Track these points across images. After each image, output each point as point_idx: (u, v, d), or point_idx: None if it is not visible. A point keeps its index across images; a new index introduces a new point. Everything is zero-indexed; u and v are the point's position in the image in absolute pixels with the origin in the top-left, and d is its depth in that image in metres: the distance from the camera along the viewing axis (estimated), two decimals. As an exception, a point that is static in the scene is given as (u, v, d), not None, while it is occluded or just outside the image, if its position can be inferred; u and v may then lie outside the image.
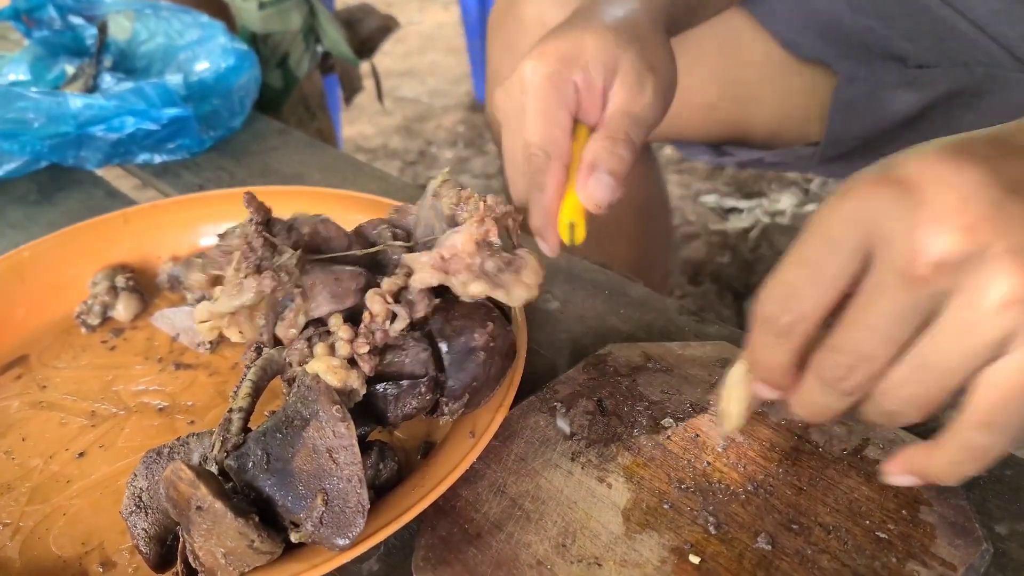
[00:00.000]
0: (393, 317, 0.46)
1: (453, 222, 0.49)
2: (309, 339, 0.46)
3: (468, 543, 0.45)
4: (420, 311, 0.47)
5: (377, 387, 0.47)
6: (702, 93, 0.88)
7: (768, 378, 0.40)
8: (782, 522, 0.45)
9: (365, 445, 0.47)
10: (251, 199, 0.47)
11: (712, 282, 1.70)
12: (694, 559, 0.43)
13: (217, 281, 0.53)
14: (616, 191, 0.51)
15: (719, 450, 0.49)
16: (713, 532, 0.44)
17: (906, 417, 0.37)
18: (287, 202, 0.67)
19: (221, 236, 0.52)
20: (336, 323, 0.46)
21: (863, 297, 0.35)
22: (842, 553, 0.43)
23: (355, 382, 0.45)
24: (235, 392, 0.47)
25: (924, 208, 0.33)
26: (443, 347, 0.47)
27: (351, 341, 0.45)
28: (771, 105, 0.88)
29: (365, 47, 1.31)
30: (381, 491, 0.47)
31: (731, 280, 1.70)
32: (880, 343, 0.35)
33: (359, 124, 2.38)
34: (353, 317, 0.47)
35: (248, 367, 0.48)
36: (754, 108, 0.89)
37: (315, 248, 0.49)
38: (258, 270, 0.46)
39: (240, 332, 0.51)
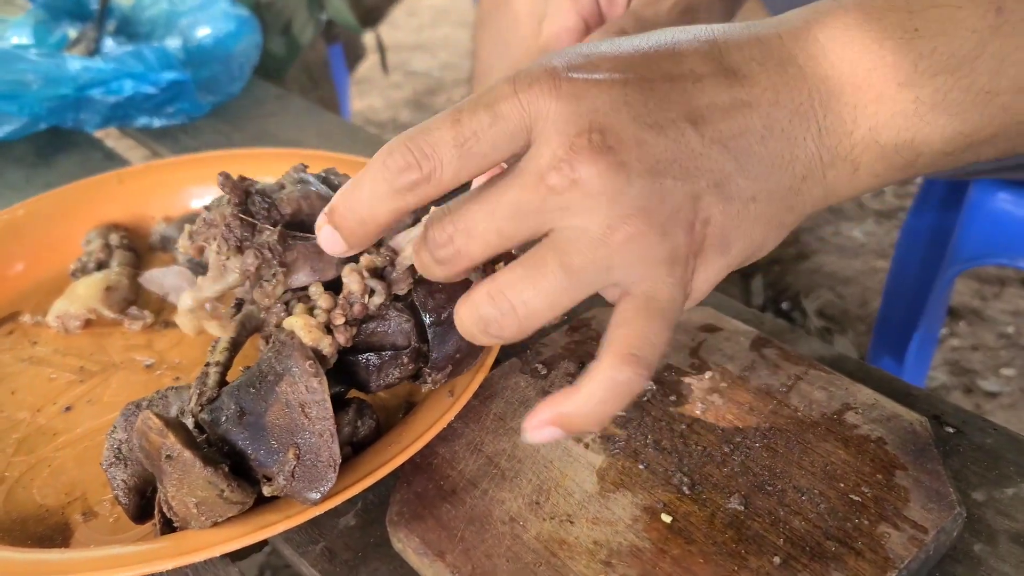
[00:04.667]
0: (371, 292, 0.46)
1: None
2: (287, 303, 0.46)
3: (443, 499, 0.45)
4: (402, 288, 0.46)
5: (360, 357, 0.47)
6: None
7: (349, 219, 0.37)
8: (756, 484, 0.45)
9: (343, 402, 0.48)
10: (225, 180, 0.47)
11: (718, 259, 1.69)
12: (666, 518, 0.43)
13: (203, 250, 0.54)
14: None
15: (697, 413, 0.49)
16: (687, 492, 0.44)
17: (507, 325, 0.35)
18: (278, 165, 0.67)
19: (207, 208, 0.52)
20: (316, 291, 0.46)
21: (498, 179, 0.34)
22: (814, 515, 0.43)
23: (327, 348, 0.45)
24: (214, 346, 0.47)
25: (583, 120, 0.33)
26: (427, 320, 0.47)
27: (329, 311, 0.45)
28: None
29: (370, 16, 1.31)
30: (359, 448, 0.47)
31: (738, 257, 1.69)
32: (487, 225, 0.34)
33: (369, 97, 2.38)
34: (335, 286, 0.47)
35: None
36: None
37: (298, 223, 0.49)
38: (239, 250, 0.46)
39: (222, 326, 0.51)
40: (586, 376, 0.35)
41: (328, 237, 0.39)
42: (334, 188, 0.53)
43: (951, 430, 0.49)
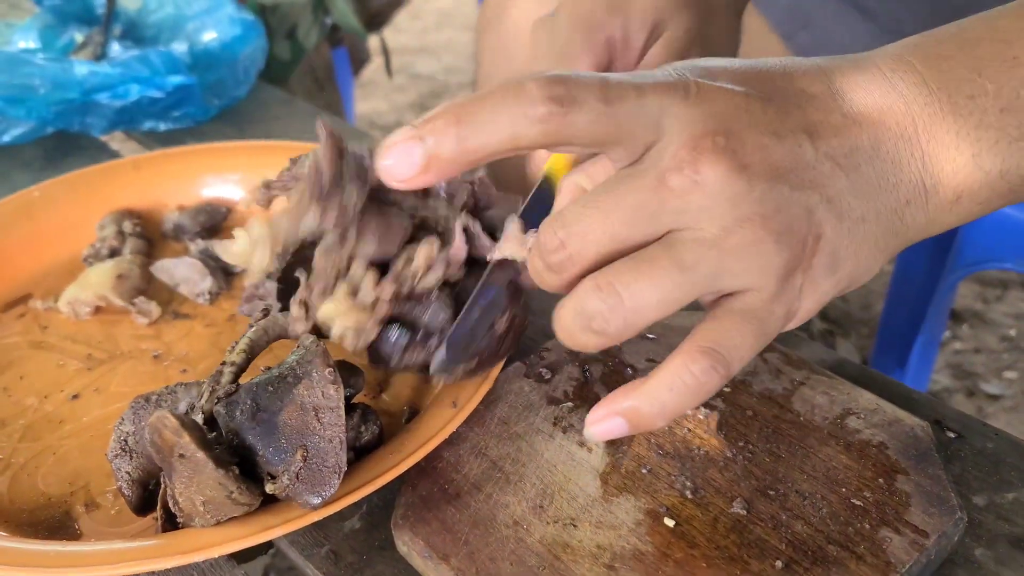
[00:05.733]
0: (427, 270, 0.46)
1: None
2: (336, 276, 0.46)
3: (447, 502, 0.46)
4: (454, 271, 0.47)
5: (390, 332, 0.47)
6: None
7: (454, 129, 0.34)
8: (759, 488, 0.45)
9: (348, 407, 0.48)
10: (325, 125, 0.46)
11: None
12: (669, 522, 0.44)
13: (272, 202, 0.52)
14: None
15: (700, 417, 0.49)
16: (689, 496, 0.45)
17: (613, 320, 0.33)
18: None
19: (293, 161, 0.51)
20: (361, 271, 0.46)
21: (614, 178, 0.34)
22: (816, 519, 0.43)
23: (369, 325, 0.46)
24: (232, 347, 0.48)
25: (707, 122, 0.33)
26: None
27: (376, 286, 0.45)
28: None
29: (375, 20, 1.31)
30: (361, 453, 0.47)
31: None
32: (603, 228, 0.33)
33: (373, 100, 2.38)
34: (381, 265, 0.47)
35: (251, 325, 0.49)
36: None
37: (375, 193, 0.48)
38: (320, 197, 0.45)
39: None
40: (659, 367, 0.34)
41: (404, 151, 0.34)
42: None
43: (952, 435, 0.50)
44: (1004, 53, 0.36)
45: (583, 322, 0.34)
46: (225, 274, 0.67)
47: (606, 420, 0.35)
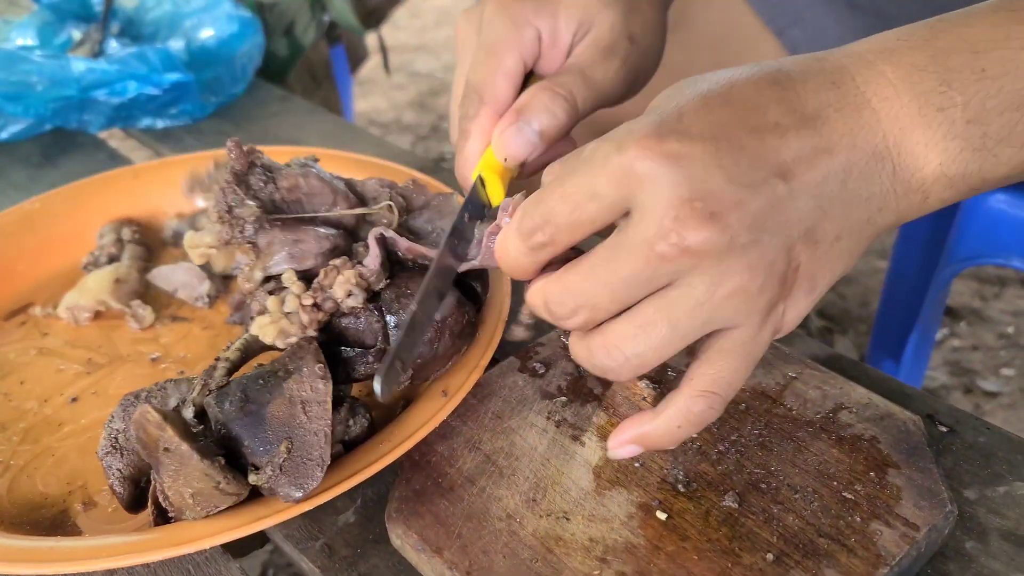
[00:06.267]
0: (348, 294, 0.47)
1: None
2: (271, 292, 0.47)
3: (441, 496, 0.46)
4: (376, 285, 0.47)
5: (333, 348, 0.48)
6: None
7: (510, 270, 0.41)
8: (751, 481, 0.45)
9: (336, 400, 0.48)
10: (234, 146, 0.47)
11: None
12: (661, 515, 0.44)
13: (193, 188, 0.54)
14: (536, 149, 0.47)
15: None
16: (682, 490, 0.45)
17: (623, 372, 0.38)
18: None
19: (217, 165, 0.51)
20: (290, 278, 0.47)
21: (606, 249, 0.36)
22: (807, 512, 0.43)
23: (292, 329, 0.46)
24: (229, 345, 0.48)
25: (684, 188, 0.34)
26: (391, 321, 0.48)
27: (300, 295, 0.46)
28: None
29: (373, 18, 1.32)
30: (350, 446, 0.48)
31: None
32: (608, 297, 0.37)
33: (372, 98, 2.39)
34: (314, 276, 0.48)
35: (246, 328, 0.50)
36: None
37: (294, 201, 0.49)
38: (228, 213, 0.46)
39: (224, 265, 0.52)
40: (666, 402, 0.39)
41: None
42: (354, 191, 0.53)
43: (944, 429, 0.50)
44: (973, 64, 0.37)
45: (599, 371, 0.38)
46: (223, 277, 0.67)
47: (623, 446, 0.40)
